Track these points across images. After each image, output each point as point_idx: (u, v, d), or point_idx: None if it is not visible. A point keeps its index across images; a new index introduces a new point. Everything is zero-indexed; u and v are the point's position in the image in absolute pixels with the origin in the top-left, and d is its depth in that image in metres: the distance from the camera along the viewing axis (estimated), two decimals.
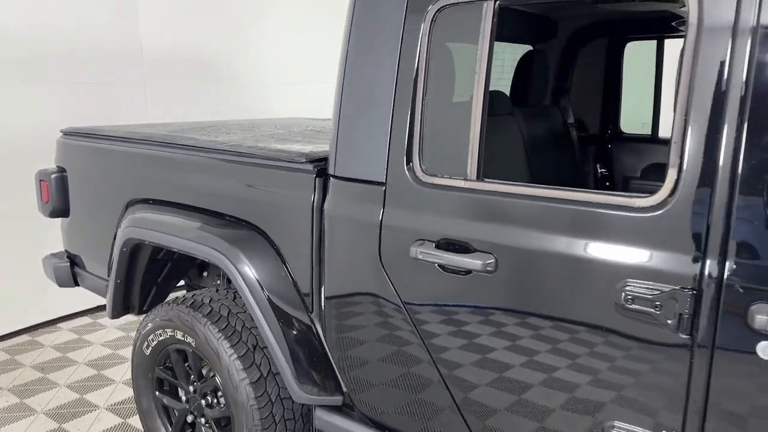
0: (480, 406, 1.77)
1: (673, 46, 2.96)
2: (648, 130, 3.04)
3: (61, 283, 3.22)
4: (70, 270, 3.18)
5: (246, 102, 5.02)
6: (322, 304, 2.10)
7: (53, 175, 3.07)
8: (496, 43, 3.07)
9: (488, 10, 1.65)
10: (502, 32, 3.03)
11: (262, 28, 4.91)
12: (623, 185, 3.11)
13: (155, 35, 4.92)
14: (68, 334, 4.40)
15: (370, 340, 1.98)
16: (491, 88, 2.74)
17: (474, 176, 1.72)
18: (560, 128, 3.02)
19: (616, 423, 1.52)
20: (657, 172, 2.95)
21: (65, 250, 3.25)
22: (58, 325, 4.57)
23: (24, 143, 4.11)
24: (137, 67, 4.91)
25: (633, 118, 3.10)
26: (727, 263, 1.32)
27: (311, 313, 2.15)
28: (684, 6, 1.36)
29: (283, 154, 2.16)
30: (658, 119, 3.00)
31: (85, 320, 4.66)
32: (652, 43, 3.00)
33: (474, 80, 1.69)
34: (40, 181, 3.12)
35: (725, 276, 1.32)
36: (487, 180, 1.71)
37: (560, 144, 2.97)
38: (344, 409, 2.18)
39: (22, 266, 4.09)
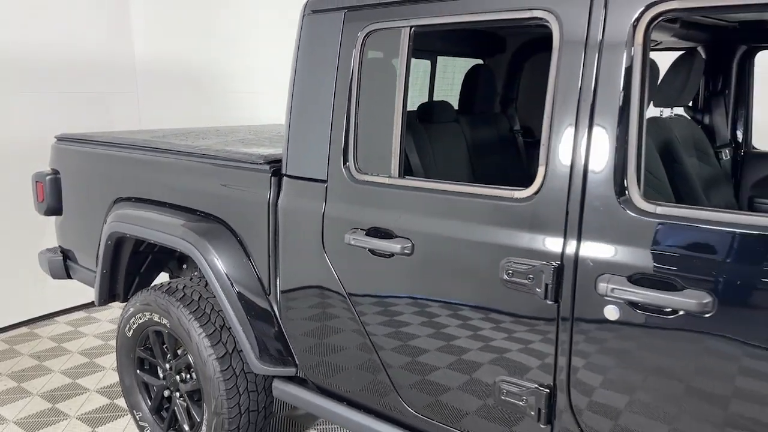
0: (402, 371, 2.08)
1: None
2: None
3: (55, 276, 3.53)
4: (63, 263, 3.49)
5: (233, 110, 5.35)
6: (278, 289, 2.41)
7: (48, 177, 3.39)
8: (448, 58, 3.38)
9: (405, 34, 1.97)
10: (457, 49, 3.36)
11: (248, 42, 5.24)
12: None
13: (147, 48, 5.24)
14: (64, 327, 4.71)
15: (317, 318, 2.28)
16: (439, 99, 3.06)
17: (396, 174, 2.03)
18: (507, 134, 3.33)
19: (505, 378, 1.82)
20: None
21: (59, 246, 3.56)
22: (55, 318, 4.87)
23: (24, 148, 4.42)
24: (130, 78, 5.23)
25: None
26: (581, 243, 1.63)
27: (269, 296, 2.46)
28: (549, 30, 1.68)
29: (245, 157, 2.48)
30: None
31: (80, 314, 4.96)
32: None
33: (395, 93, 2.01)
34: (36, 182, 3.44)
35: (579, 253, 1.62)
36: (407, 177, 2.02)
37: (506, 148, 3.28)
38: (298, 379, 2.49)
39: (22, 263, 4.40)
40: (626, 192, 1.57)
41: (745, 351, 1.42)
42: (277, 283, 2.41)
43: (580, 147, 1.63)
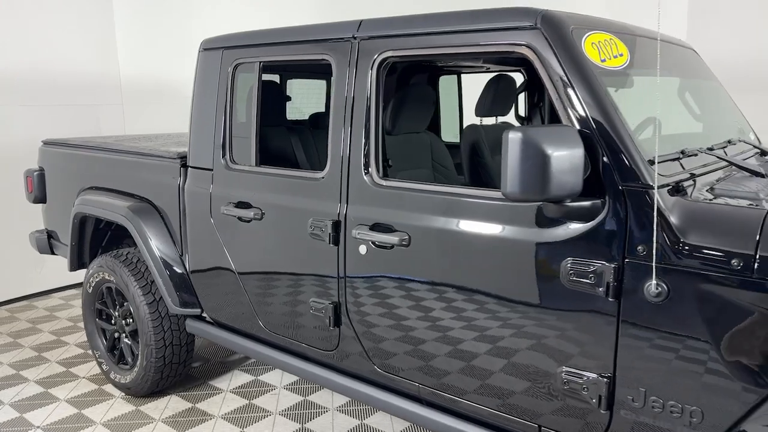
0: (259, 303, 2.95)
1: (469, 79, 4.12)
2: (457, 139, 4.19)
3: (41, 251, 4.46)
4: (47, 241, 4.42)
5: None
6: (187, 251, 3.29)
7: (35, 173, 4.32)
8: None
9: (257, 66, 2.85)
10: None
11: None
12: None
13: (131, 65, 6.20)
14: (57, 300, 5.65)
15: (211, 270, 3.16)
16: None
17: (254, 163, 2.91)
18: None
19: (314, 299, 2.68)
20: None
21: (45, 228, 4.49)
22: (51, 294, 5.82)
23: (26, 150, 5.34)
24: (116, 91, 6.19)
25: (448, 129, 4.25)
26: (348, 205, 2.49)
27: (182, 257, 3.35)
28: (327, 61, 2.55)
29: (165, 153, 3.37)
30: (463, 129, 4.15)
31: (72, 292, 5.90)
32: (458, 76, 4.16)
33: (253, 107, 2.89)
34: (27, 177, 4.37)
35: (347, 213, 2.49)
36: (261, 165, 2.90)
37: None
38: (202, 317, 3.37)
39: (24, 247, 5.31)
40: (369, 171, 2.43)
41: (430, 267, 2.27)
42: (186, 246, 3.29)
43: (346, 143, 2.49)
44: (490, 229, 2.10)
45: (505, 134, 1.77)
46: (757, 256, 1.64)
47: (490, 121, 3.57)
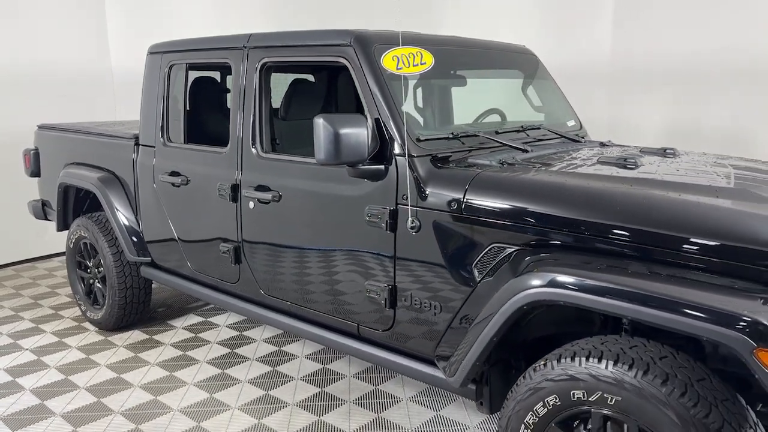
0: (186, 248, 3.84)
1: None
2: None
3: (37, 217, 5.39)
4: (42, 208, 5.35)
5: None
6: (139, 210, 4.19)
7: (32, 151, 5.25)
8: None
9: (184, 67, 3.73)
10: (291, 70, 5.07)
11: None
12: None
13: (121, 61, 7.10)
14: (56, 263, 6.60)
15: (156, 226, 4.06)
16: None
17: (183, 141, 3.79)
18: None
19: (222, 244, 3.56)
20: None
21: (40, 198, 5.42)
22: (52, 258, 6.78)
23: (28, 135, 6.29)
24: (109, 84, 7.10)
25: None
26: (243, 172, 3.36)
27: (137, 216, 4.25)
28: (230, 65, 3.42)
29: (125, 134, 4.27)
30: None
31: None
32: None
33: (183, 98, 3.77)
34: (24, 155, 5.31)
35: (241, 178, 3.36)
36: (189, 142, 3.78)
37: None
38: (153, 264, 4.28)
39: (29, 217, 6.25)
40: (256, 146, 3.30)
41: (293, 216, 3.14)
42: (139, 208, 4.20)
43: (241, 125, 3.36)
44: (324, 187, 2.96)
45: (314, 119, 2.62)
46: (464, 200, 2.49)
47: None
